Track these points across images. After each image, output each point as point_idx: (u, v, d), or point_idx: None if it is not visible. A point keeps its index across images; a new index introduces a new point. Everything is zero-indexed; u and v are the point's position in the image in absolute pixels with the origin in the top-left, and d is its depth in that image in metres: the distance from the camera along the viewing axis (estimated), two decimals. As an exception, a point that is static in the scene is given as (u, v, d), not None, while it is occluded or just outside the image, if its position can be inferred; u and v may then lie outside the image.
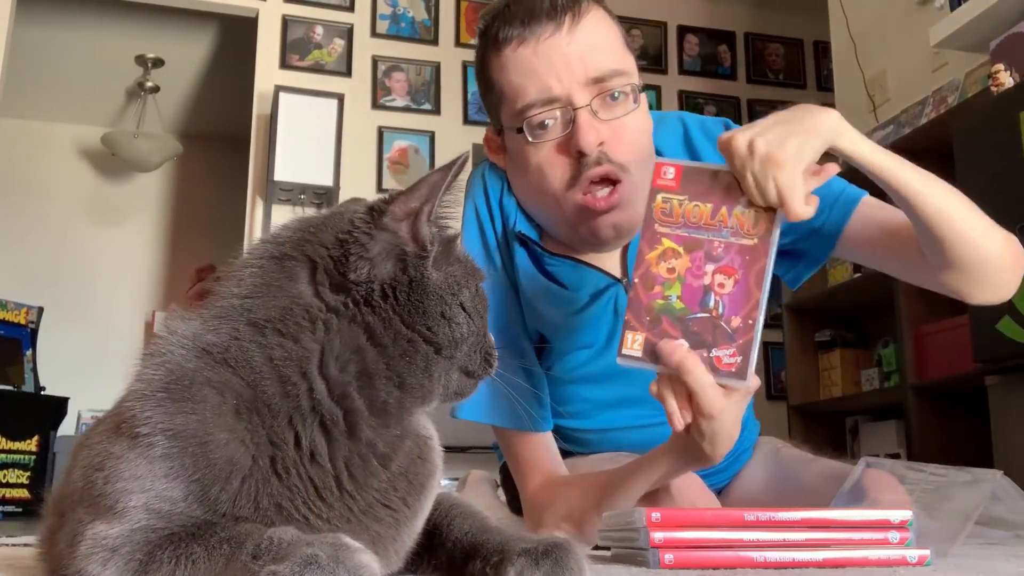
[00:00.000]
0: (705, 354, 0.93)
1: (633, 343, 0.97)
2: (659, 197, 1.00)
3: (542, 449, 1.27)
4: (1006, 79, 2.60)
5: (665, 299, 0.96)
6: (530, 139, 1.21)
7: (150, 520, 0.59)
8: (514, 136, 1.24)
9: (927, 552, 0.79)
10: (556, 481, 1.24)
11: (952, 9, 2.99)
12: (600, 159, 1.19)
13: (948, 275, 1.17)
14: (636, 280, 0.98)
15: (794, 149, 0.96)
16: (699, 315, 0.94)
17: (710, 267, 0.95)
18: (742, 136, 0.97)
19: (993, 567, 0.76)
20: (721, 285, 0.94)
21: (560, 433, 1.33)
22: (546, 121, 1.20)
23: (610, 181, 1.20)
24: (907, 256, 1.21)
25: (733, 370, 0.92)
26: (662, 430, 1.03)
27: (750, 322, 0.93)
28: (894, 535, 0.79)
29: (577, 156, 1.19)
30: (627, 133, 1.22)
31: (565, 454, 1.31)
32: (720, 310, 0.94)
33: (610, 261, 1.31)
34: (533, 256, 1.32)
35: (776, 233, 0.94)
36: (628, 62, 1.25)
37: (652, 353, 0.95)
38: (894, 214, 1.22)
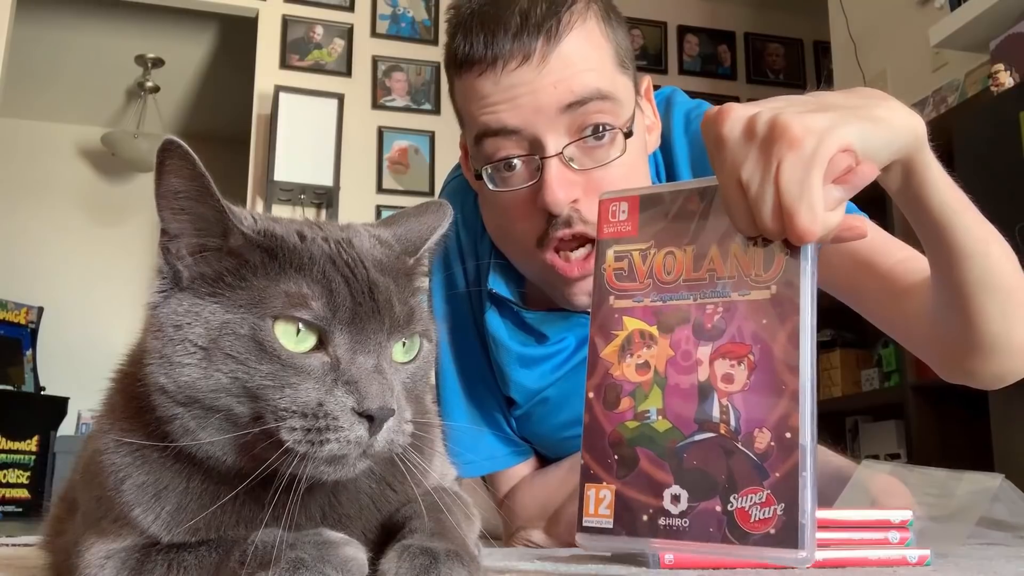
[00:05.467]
0: (718, 508, 0.56)
1: (599, 505, 0.60)
2: (610, 253, 0.65)
3: (519, 471, 1.25)
4: (1006, 79, 2.60)
5: (639, 419, 0.60)
6: (490, 187, 1.04)
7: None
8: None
9: (927, 552, 0.79)
10: (526, 479, 1.23)
11: (952, 9, 2.99)
12: (571, 220, 1.01)
13: (950, 344, 0.94)
14: (590, 395, 0.63)
15: (824, 125, 0.61)
16: (698, 438, 0.58)
17: (705, 350, 0.59)
18: (739, 111, 0.63)
19: (993, 567, 0.76)
20: (728, 378, 0.58)
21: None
22: (513, 161, 1.01)
23: (587, 239, 1.03)
24: (884, 300, 1.00)
25: (772, 531, 0.54)
26: None
27: (788, 435, 0.55)
28: (894, 535, 0.79)
29: (545, 214, 1.01)
30: (608, 188, 0.94)
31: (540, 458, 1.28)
32: (733, 422, 0.57)
33: None
34: (509, 313, 1.17)
35: (807, 267, 0.58)
36: (620, 86, 1.03)
37: (632, 522, 0.59)
38: (873, 241, 0.99)
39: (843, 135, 0.61)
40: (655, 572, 0.74)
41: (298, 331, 0.56)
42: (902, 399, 2.92)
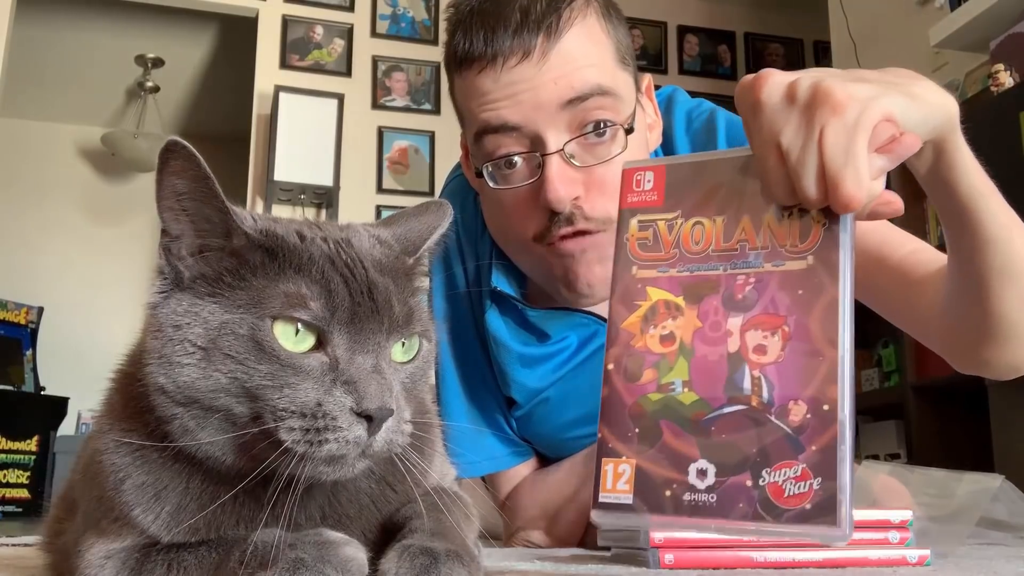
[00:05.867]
0: (748, 483, 0.53)
1: (617, 480, 0.56)
2: (634, 222, 0.63)
3: (519, 471, 1.24)
4: (1006, 79, 2.60)
5: (663, 391, 0.57)
6: (491, 185, 1.04)
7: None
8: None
9: (927, 552, 0.79)
10: (527, 480, 1.23)
11: (952, 9, 2.99)
12: (573, 217, 1.00)
13: (965, 333, 0.94)
14: (610, 367, 0.60)
15: (867, 94, 0.59)
16: (727, 410, 0.55)
17: (736, 321, 0.57)
18: (777, 76, 0.61)
19: (993, 567, 0.75)
20: (761, 349, 0.55)
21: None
22: (513, 159, 1.01)
23: (584, 234, 1.02)
24: (896, 293, 1.00)
25: (808, 507, 0.51)
26: None
27: (825, 407, 0.53)
28: (894, 535, 0.79)
29: (547, 211, 1.01)
30: (611, 184, 0.98)
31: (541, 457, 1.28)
32: (765, 394, 0.54)
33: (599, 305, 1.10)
34: (511, 312, 1.16)
35: (846, 238, 0.56)
36: (621, 82, 1.03)
37: (654, 498, 0.55)
38: (881, 234, 1.00)
39: (886, 104, 0.59)
40: (655, 572, 0.74)
41: (297, 331, 0.56)
42: (902, 399, 2.92)
